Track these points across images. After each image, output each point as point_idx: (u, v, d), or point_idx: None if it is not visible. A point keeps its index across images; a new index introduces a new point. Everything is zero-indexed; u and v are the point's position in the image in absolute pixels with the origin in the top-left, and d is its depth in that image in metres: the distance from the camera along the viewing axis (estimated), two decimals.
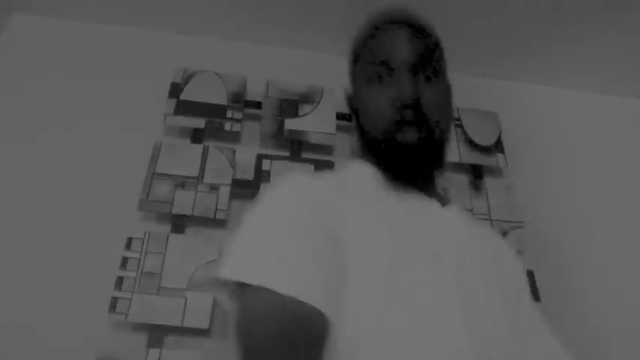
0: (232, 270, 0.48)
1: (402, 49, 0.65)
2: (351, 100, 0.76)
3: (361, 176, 0.67)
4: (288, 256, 0.47)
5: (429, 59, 0.65)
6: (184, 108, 1.19)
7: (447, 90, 0.69)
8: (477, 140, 1.30)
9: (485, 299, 0.58)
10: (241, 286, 0.47)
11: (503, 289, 0.62)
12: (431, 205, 0.65)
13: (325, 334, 0.45)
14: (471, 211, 1.21)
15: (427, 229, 0.61)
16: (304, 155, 1.22)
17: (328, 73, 1.38)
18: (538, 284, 1.16)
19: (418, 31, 0.68)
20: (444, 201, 0.70)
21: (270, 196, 0.57)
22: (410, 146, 0.62)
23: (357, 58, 0.73)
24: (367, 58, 0.68)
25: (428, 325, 0.50)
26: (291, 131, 1.21)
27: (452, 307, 0.53)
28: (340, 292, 0.48)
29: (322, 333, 0.44)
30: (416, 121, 0.62)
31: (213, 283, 0.56)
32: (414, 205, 0.64)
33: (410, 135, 0.62)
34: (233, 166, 1.14)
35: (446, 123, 0.67)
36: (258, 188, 1.13)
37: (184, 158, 1.13)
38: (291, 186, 0.57)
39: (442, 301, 0.53)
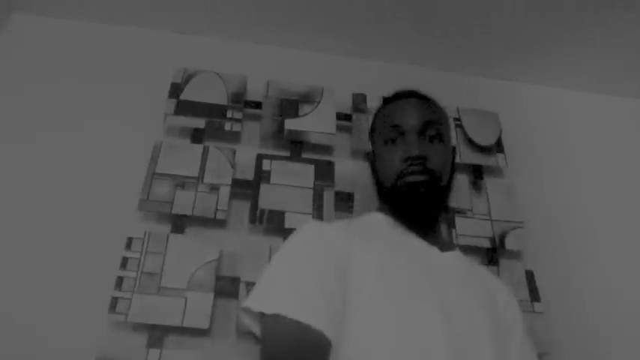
0: (256, 302, 0.62)
1: (410, 115, 0.80)
2: (370, 158, 0.90)
3: (372, 222, 0.80)
4: (301, 290, 0.60)
5: (433, 124, 0.80)
6: (184, 108, 1.19)
7: (448, 151, 0.82)
8: (477, 140, 1.30)
9: (470, 331, 0.66)
10: (263, 314, 0.62)
11: (494, 322, 0.71)
12: (429, 249, 0.76)
13: (327, 351, 0.57)
14: (471, 210, 1.21)
15: (422, 269, 0.70)
16: (304, 155, 1.22)
17: (328, 73, 1.38)
18: (538, 284, 1.16)
19: (424, 101, 0.85)
20: (446, 246, 0.81)
21: (291, 240, 0.70)
22: (416, 185, 0.75)
23: (374, 125, 0.89)
24: (383, 123, 0.84)
25: (413, 351, 0.60)
26: (291, 131, 1.21)
27: (435, 334, 0.62)
28: (342, 319, 0.60)
29: (325, 350, 0.56)
30: (420, 171, 0.75)
31: (242, 313, 0.68)
32: (415, 247, 0.75)
33: (416, 176, 0.75)
34: (233, 166, 1.14)
35: (447, 175, 0.80)
36: (258, 188, 1.13)
37: (184, 158, 1.13)
38: (308, 231, 0.70)
39: (427, 329, 0.62)
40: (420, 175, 0.75)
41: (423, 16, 1.29)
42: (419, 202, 0.76)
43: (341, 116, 1.28)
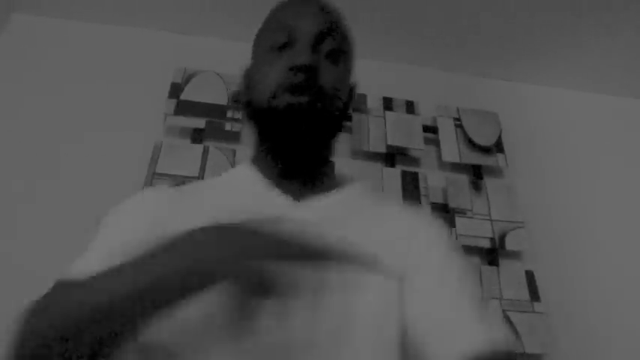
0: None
1: (306, 20, 0.61)
2: (245, 77, 0.68)
3: (223, 183, 0.64)
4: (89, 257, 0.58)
5: (332, 35, 0.61)
6: (184, 108, 1.19)
7: (347, 77, 0.64)
8: (477, 140, 1.30)
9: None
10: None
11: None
12: (276, 201, 0.59)
13: None
14: (471, 210, 1.21)
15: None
16: None
17: None
18: (538, 284, 1.16)
19: (324, 8, 0.64)
20: (328, 183, 0.63)
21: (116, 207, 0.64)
22: (298, 107, 0.56)
23: (260, 34, 0.68)
24: (270, 27, 0.64)
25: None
26: None
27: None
28: None
29: None
30: (307, 86, 0.57)
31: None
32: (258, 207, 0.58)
33: (300, 97, 0.56)
34: (233, 166, 1.14)
35: (340, 104, 0.61)
36: None
37: (184, 158, 1.13)
38: (129, 200, 0.64)
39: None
40: (305, 95, 0.56)
41: (423, 17, 1.29)
42: (298, 131, 0.57)
43: None
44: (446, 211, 1.20)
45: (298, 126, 0.57)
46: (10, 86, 1.23)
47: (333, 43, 0.61)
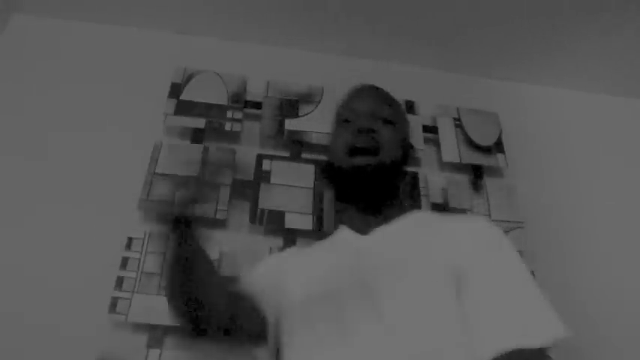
0: None
1: (363, 98, 0.84)
2: (328, 151, 0.89)
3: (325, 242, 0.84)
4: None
5: (385, 107, 0.82)
6: (184, 108, 1.19)
7: (400, 135, 0.83)
8: (477, 140, 1.30)
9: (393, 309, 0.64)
10: None
11: (420, 292, 0.65)
12: (350, 237, 0.78)
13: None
14: (471, 211, 1.21)
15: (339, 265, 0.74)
16: (304, 155, 1.22)
17: (328, 73, 1.38)
18: (538, 284, 1.15)
19: (377, 89, 0.87)
20: (392, 217, 0.78)
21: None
22: (361, 168, 0.75)
23: (335, 115, 0.88)
24: (341, 109, 0.86)
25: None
26: (291, 131, 1.21)
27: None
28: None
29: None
30: (368, 149, 0.76)
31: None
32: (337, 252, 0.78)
33: (362, 159, 0.76)
34: (234, 165, 1.14)
35: (396, 155, 0.79)
36: (258, 188, 1.13)
37: (184, 158, 1.13)
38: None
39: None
40: (367, 157, 0.76)
41: (424, 17, 1.29)
42: (364, 183, 0.76)
43: None
44: (446, 211, 1.20)
45: (364, 183, 0.76)
46: (10, 86, 1.22)
47: (387, 113, 0.81)
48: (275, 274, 0.80)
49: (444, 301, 0.63)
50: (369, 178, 0.76)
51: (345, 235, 0.80)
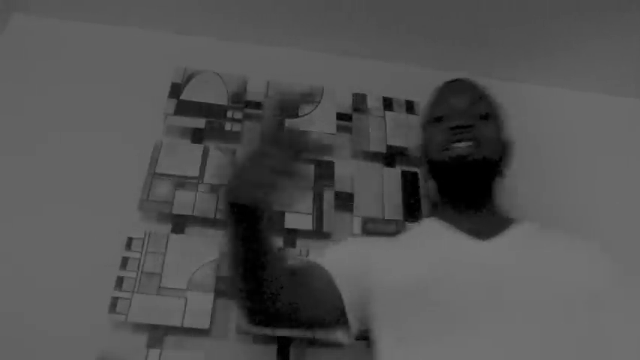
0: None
1: (457, 93, 0.80)
2: (422, 150, 0.86)
3: (415, 232, 0.83)
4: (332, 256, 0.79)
5: (481, 102, 0.79)
6: (184, 108, 1.19)
7: (499, 130, 0.80)
8: None
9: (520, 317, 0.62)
10: None
11: (552, 304, 0.64)
12: (470, 246, 0.73)
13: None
14: None
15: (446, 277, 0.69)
16: (304, 155, 1.21)
17: (328, 73, 1.38)
18: None
19: (472, 83, 0.84)
20: (499, 227, 0.75)
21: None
22: (462, 156, 0.72)
23: (426, 111, 0.86)
24: (431, 107, 0.83)
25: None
26: None
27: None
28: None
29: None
30: (466, 138, 0.73)
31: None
32: (450, 251, 0.73)
33: (462, 145, 0.72)
34: (233, 166, 1.14)
35: (497, 150, 0.77)
36: None
37: (184, 158, 1.13)
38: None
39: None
40: (467, 143, 0.73)
41: (424, 16, 1.29)
42: (465, 172, 0.73)
43: (341, 116, 1.28)
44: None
45: (464, 170, 0.73)
46: (10, 86, 1.22)
47: (483, 108, 0.79)
48: (360, 259, 0.76)
49: (581, 322, 0.61)
50: (471, 167, 0.73)
51: (454, 237, 0.75)
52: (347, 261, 0.76)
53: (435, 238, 0.77)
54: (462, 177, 0.74)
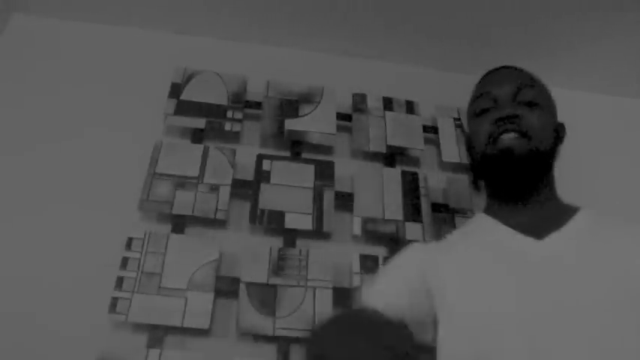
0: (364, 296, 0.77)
1: (501, 81, 0.75)
2: (468, 142, 0.82)
3: (467, 230, 0.78)
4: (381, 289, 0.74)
5: (527, 88, 0.74)
6: (184, 108, 1.19)
7: (548, 118, 0.75)
8: None
9: (564, 331, 0.58)
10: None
11: (617, 304, 0.59)
12: (522, 244, 0.68)
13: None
14: (472, 211, 1.21)
15: (501, 276, 0.65)
16: (304, 155, 1.22)
17: (328, 73, 1.38)
18: None
19: (517, 70, 0.78)
20: (556, 221, 0.70)
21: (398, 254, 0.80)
22: (509, 148, 0.68)
23: (471, 104, 0.80)
24: (474, 98, 0.78)
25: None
26: (291, 131, 1.21)
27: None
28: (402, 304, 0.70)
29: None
30: (512, 129, 0.69)
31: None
32: (502, 250, 0.68)
33: (508, 136, 0.68)
34: (233, 166, 1.14)
35: (547, 141, 0.72)
36: (258, 188, 1.13)
37: (184, 158, 1.13)
38: (408, 249, 0.79)
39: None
40: (513, 134, 0.68)
41: (424, 17, 1.29)
42: (513, 166, 0.68)
43: (341, 116, 1.28)
44: (446, 211, 1.20)
45: (513, 163, 0.68)
46: (10, 86, 1.23)
47: (530, 95, 0.73)
48: (418, 292, 0.70)
49: None
50: (519, 160, 0.68)
51: (507, 235, 0.70)
52: (405, 298, 0.70)
53: (489, 239, 0.72)
54: (509, 171, 0.69)
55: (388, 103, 1.32)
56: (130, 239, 1.03)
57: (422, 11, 1.28)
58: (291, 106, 1.25)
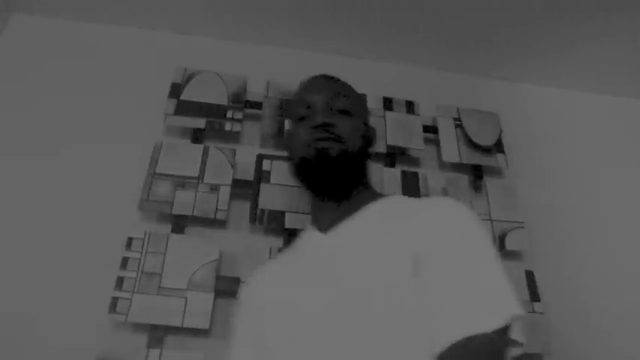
0: None
1: (317, 90, 0.80)
2: (287, 149, 0.86)
3: (295, 247, 0.83)
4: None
5: (340, 97, 0.80)
6: (184, 108, 1.19)
7: (359, 124, 0.80)
8: (477, 140, 1.30)
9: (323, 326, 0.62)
10: None
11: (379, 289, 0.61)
12: (314, 240, 0.76)
13: None
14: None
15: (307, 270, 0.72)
16: None
17: (328, 73, 1.38)
18: (538, 284, 1.16)
19: (332, 79, 0.84)
20: (356, 208, 0.76)
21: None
22: (324, 149, 0.73)
23: (289, 109, 0.88)
24: (295, 104, 0.83)
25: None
26: None
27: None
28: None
29: None
30: (327, 137, 0.74)
31: None
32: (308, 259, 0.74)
33: (324, 143, 0.74)
34: (233, 166, 1.14)
35: (358, 144, 0.77)
36: (258, 188, 1.13)
37: (184, 158, 1.13)
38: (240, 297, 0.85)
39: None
40: (328, 142, 0.74)
41: (424, 17, 1.29)
42: (328, 165, 0.74)
43: None
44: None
45: (329, 167, 0.74)
46: (10, 86, 1.23)
47: (342, 103, 0.79)
48: (258, 327, 0.74)
49: (402, 293, 0.58)
50: (334, 162, 0.74)
51: (309, 235, 0.79)
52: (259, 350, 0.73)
53: (300, 252, 0.79)
54: (326, 169, 0.74)
55: (388, 103, 1.32)
56: (130, 239, 1.03)
57: (422, 12, 1.28)
58: None
